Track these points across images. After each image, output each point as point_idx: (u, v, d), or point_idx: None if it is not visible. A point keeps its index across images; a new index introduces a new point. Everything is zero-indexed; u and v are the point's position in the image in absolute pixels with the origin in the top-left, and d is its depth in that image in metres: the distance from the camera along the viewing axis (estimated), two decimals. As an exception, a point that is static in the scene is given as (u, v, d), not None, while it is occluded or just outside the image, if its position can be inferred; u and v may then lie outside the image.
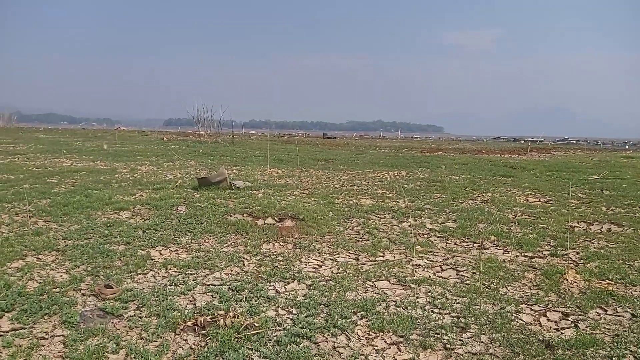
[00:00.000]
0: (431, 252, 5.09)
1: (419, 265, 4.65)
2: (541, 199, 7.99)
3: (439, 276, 4.38)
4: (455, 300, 3.79)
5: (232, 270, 4.34)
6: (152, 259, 4.59)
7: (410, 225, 6.11)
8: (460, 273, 4.47)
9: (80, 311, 3.38)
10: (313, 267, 4.47)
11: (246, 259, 4.67)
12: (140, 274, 4.20)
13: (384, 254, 4.96)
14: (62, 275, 4.09)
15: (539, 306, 3.74)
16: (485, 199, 8.02)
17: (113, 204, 6.78)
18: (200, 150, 15.91)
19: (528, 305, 3.76)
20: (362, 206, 7.14)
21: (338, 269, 4.44)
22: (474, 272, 4.44)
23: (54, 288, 3.81)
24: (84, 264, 4.38)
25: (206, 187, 8.23)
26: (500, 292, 3.96)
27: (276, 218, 6.33)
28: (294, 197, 7.82)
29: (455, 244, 5.45)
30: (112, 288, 3.69)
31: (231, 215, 6.34)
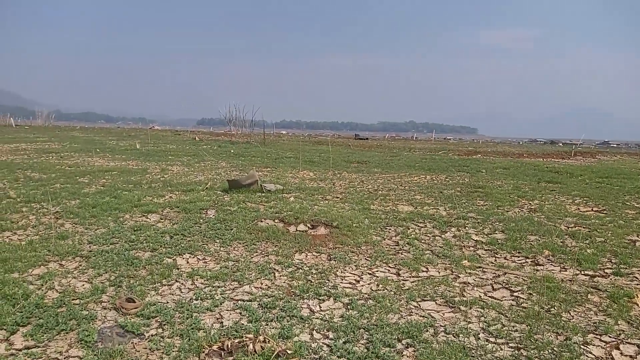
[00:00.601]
0: (480, 267, 4.63)
1: (468, 283, 4.21)
2: (594, 209, 7.37)
3: (491, 297, 3.93)
4: (513, 327, 3.34)
5: (262, 284, 4.00)
6: (178, 268, 4.31)
7: (454, 236, 5.65)
8: (515, 293, 4.01)
9: (98, 328, 3.10)
10: (350, 283, 4.10)
11: (277, 270, 4.34)
12: (165, 285, 3.92)
13: (427, 268, 4.54)
14: (83, 285, 3.85)
15: (610, 337, 3.26)
16: (532, 207, 7.45)
17: (142, 206, 6.59)
18: (232, 151, 15.75)
19: (597, 335, 3.27)
20: (400, 213, 6.71)
21: (377, 285, 4.05)
22: (530, 293, 3.97)
23: (74, 299, 3.57)
24: (107, 272, 4.14)
25: (236, 189, 7.97)
26: (563, 319, 3.49)
27: (309, 225, 5.99)
28: (326, 201, 7.46)
29: (505, 258, 4.97)
30: (134, 302, 3.41)
31: (262, 221, 6.04)
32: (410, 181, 9.96)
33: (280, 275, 4.21)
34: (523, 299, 3.88)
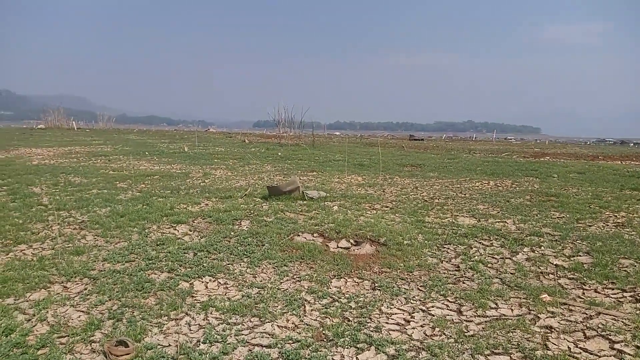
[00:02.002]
0: (565, 304, 3.65)
1: (551, 327, 3.25)
2: (701, 224, 6.06)
3: (584, 349, 2.96)
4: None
5: (287, 321, 3.25)
6: (193, 296, 3.65)
7: (528, 259, 4.66)
8: (616, 345, 3.01)
9: (74, 383, 2.48)
10: (397, 323, 3.26)
11: (308, 302, 3.57)
12: (172, 319, 3.26)
13: (496, 304, 3.61)
14: (79, 317, 3.27)
15: None
16: (619, 221, 6.26)
17: (172, 216, 6.06)
18: (279, 154, 15.21)
19: None
20: (460, 227, 5.76)
21: (433, 328, 3.18)
22: (637, 346, 2.97)
23: (62, 336, 2.98)
24: (112, 299, 3.55)
25: (277, 196, 7.31)
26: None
27: (352, 240, 5.19)
28: (374, 211, 6.63)
29: (596, 291, 3.93)
30: (127, 346, 2.77)
31: (299, 235, 5.31)
32: (471, 188, 8.90)
33: (312, 310, 3.44)
34: (629, 355, 2.89)
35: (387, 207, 6.96)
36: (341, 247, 5.04)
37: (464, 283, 4.03)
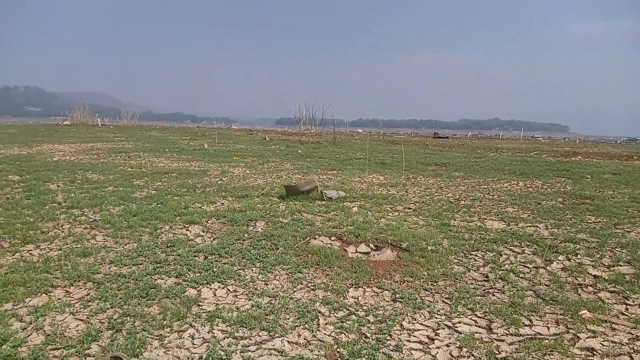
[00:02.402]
0: (606, 322, 3.27)
1: (593, 349, 2.89)
2: None
3: (634, 378, 2.60)
4: None
5: (299, 336, 2.97)
6: (199, 305, 3.41)
7: (563, 269, 4.27)
8: (671, 373, 2.64)
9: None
10: (420, 342, 2.94)
11: (323, 314, 3.29)
12: (175, 331, 3.02)
13: (530, 321, 3.26)
14: (77, 326, 3.06)
15: None
16: (662, 226, 5.78)
17: (186, 215, 5.85)
18: (299, 151, 14.95)
19: None
20: (489, 231, 5.39)
21: (460, 348, 2.86)
22: (697, 375, 2.60)
23: (56, 348, 2.77)
24: (113, 306, 3.33)
25: (294, 196, 7.05)
26: None
27: (372, 245, 4.88)
28: (396, 213, 6.30)
29: (642, 307, 3.54)
30: (121, 362, 2.53)
31: (315, 238, 5.03)
32: (500, 188, 8.46)
33: (326, 323, 3.15)
34: (689, 386, 2.52)
35: (410, 208, 6.62)
36: (360, 252, 4.74)
37: (493, 295, 3.68)
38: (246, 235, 5.12)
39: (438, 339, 2.97)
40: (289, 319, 3.20)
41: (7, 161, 10.80)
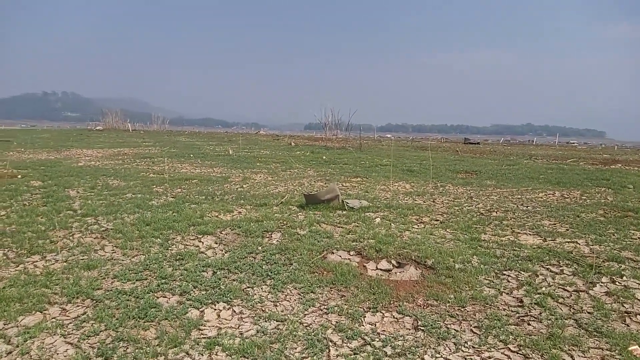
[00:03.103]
0: (666, 362, 2.81)
1: (652, 398, 2.45)
2: None
3: None
4: None
5: (306, 371, 2.64)
6: (200, 329, 3.11)
7: (607, 293, 3.80)
8: None
9: None
10: (444, 382, 2.57)
11: (334, 344, 2.94)
12: (170, 359, 2.74)
13: (572, 357, 2.83)
14: (66, 351, 2.81)
15: None
16: None
17: (200, 225, 5.61)
18: (324, 157, 14.64)
19: None
20: (523, 248, 4.94)
21: (491, 392, 2.47)
22: None
23: (38, 378, 2.52)
24: (108, 328, 3.07)
25: (314, 205, 6.73)
26: None
27: (394, 261, 4.51)
28: (422, 225, 5.89)
29: None
30: (103, 399, 2.25)
31: (333, 253, 4.69)
32: (534, 199, 7.93)
33: (337, 355, 2.80)
34: None
35: (437, 220, 6.20)
36: (381, 269, 4.37)
37: (529, 325, 3.26)
38: (259, 248, 4.82)
39: (465, 379, 2.59)
40: (296, 348, 2.87)
41: (33, 166, 10.88)
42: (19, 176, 9.28)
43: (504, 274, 4.21)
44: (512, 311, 3.48)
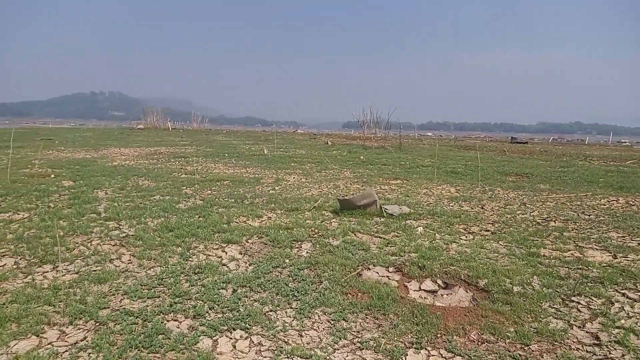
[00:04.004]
0: None
1: None
2: None
3: None
4: None
5: None
6: (210, 364, 2.64)
7: None
8: None
9: None
10: None
11: (370, 393, 2.40)
12: (170, 406, 2.28)
13: None
14: (52, 389, 2.40)
15: None
16: None
17: (225, 232, 5.20)
18: (361, 157, 14.04)
19: None
20: (591, 266, 4.23)
21: None
22: None
23: None
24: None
25: (349, 210, 6.20)
26: None
27: (439, 281, 3.92)
28: (470, 236, 5.25)
29: None
30: None
31: (369, 269, 4.14)
32: (596, 206, 7.09)
33: (372, 410, 2.26)
34: None
35: (488, 230, 5.53)
36: (425, 290, 3.79)
37: (613, 374, 2.61)
38: (287, 261, 4.33)
39: None
40: (321, 398, 2.35)
41: (68, 165, 10.84)
42: (52, 175, 9.20)
43: (572, 301, 3.54)
44: (587, 351, 2.84)
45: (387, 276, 4.03)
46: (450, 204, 7.09)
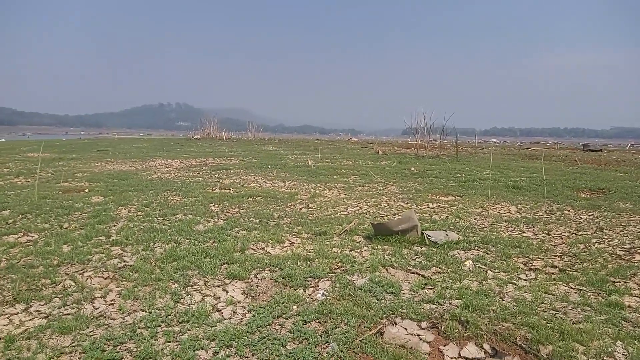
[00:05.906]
0: None
1: None
2: None
3: None
4: None
5: None
6: None
7: None
8: None
9: None
10: None
11: None
12: None
13: None
14: None
15: None
16: None
17: (235, 264, 4.50)
18: (412, 169, 12.95)
19: None
20: None
21: None
22: None
23: None
24: None
25: (385, 236, 5.30)
26: None
27: (486, 346, 2.94)
28: (532, 275, 4.20)
29: None
30: None
31: (395, 323, 3.24)
32: (698, 234, 5.70)
33: None
34: None
35: (555, 267, 4.44)
36: (465, 359, 2.84)
37: None
38: (294, 307, 3.52)
39: None
40: None
41: (107, 179, 10.65)
42: (86, 190, 8.96)
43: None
44: None
45: (418, 335, 3.11)
46: (509, 228, 5.97)
